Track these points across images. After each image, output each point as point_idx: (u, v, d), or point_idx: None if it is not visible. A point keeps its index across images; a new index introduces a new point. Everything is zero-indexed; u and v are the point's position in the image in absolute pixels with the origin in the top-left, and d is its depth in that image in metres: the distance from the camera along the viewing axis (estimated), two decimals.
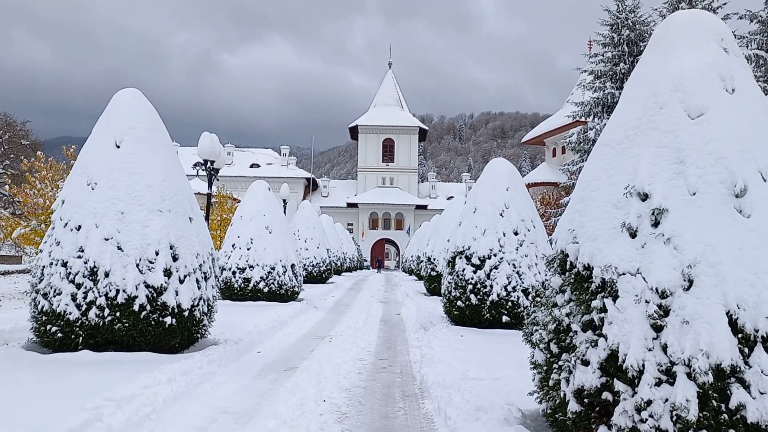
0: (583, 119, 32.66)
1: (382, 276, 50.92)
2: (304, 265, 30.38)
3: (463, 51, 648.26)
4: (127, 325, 8.72)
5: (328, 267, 32.76)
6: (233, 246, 19.20)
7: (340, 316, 17.41)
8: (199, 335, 9.65)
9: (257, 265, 18.76)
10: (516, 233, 13.82)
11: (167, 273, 9.02)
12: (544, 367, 5.23)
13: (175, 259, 9.17)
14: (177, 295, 9.06)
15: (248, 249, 18.99)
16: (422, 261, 31.15)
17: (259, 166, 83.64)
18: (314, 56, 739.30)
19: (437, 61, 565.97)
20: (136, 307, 8.70)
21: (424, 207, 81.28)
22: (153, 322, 8.85)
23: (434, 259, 24.60)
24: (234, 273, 18.81)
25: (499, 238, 13.75)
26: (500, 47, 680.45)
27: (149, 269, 8.89)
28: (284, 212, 24.93)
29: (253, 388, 7.93)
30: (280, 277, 18.92)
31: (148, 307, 8.80)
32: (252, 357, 10.20)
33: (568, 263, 5.15)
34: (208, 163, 12.60)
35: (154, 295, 8.86)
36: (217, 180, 14.69)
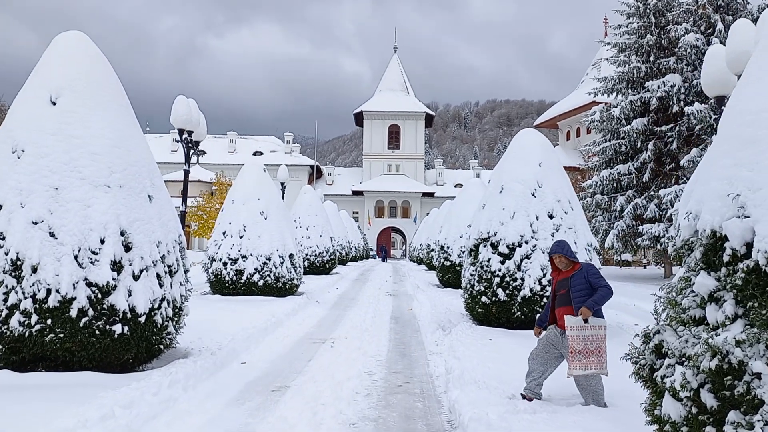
0: (605, 96, 30.37)
1: (388, 265, 48.87)
2: (306, 254, 28.24)
3: (452, 34, 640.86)
4: (62, 335, 6.62)
5: (332, 257, 30.60)
6: (224, 234, 17.05)
7: (344, 313, 15.33)
8: (162, 346, 7.54)
9: (251, 255, 16.61)
10: (551, 216, 11.65)
11: (117, 267, 6.91)
12: (683, 429, 3.10)
13: (127, 249, 7.05)
14: (130, 295, 6.95)
15: (241, 237, 16.84)
16: (433, 250, 29.05)
17: (262, 153, 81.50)
18: (303, 40, 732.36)
19: (428, 45, 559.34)
20: (73, 312, 6.60)
21: (431, 194, 79.06)
22: (97, 332, 6.74)
23: (448, 248, 22.42)
24: (225, 264, 16.68)
25: (532, 222, 11.59)
26: (490, 30, 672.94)
27: (92, 262, 6.77)
28: (282, 197, 22.79)
29: (224, 423, 5.84)
30: (276, 268, 16.79)
31: (91, 312, 6.69)
32: (232, 371, 8.11)
33: (728, 252, 3.00)
34: (185, 133, 10.46)
35: (99, 295, 6.76)
36: (198, 155, 12.55)
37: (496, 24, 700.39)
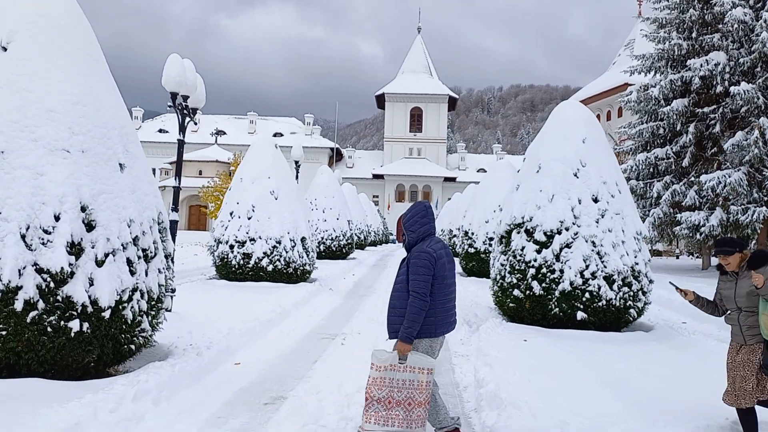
0: (641, 75, 28.50)
1: None
2: (321, 238, 26.97)
3: (470, 18, 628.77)
4: (4, 333, 5.37)
5: (349, 241, 29.28)
6: (231, 214, 15.81)
7: (359, 303, 14.03)
8: (134, 345, 6.26)
9: (259, 237, 15.36)
10: (596, 200, 10.20)
11: (75, 250, 5.63)
12: None
13: (90, 228, 5.76)
14: (91, 284, 5.67)
15: (249, 218, 15.58)
16: (456, 236, 27.64)
17: (282, 135, 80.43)
18: (318, 21, 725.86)
19: (446, 30, 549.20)
20: (18, 305, 5.35)
21: (453, 179, 77.49)
22: (49, 329, 5.48)
23: (472, 234, 21.00)
24: (232, 247, 15.45)
25: (573, 206, 10.15)
26: (508, 14, 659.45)
27: (43, 243, 5.50)
28: (297, 177, 21.50)
29: None
30: (287, 252, 15.53)
31: (41, 305, 5.44)
32: (222, 375, 6.84)
33: None
34: (178, 97, 9.16)
35: (52, 284, 5.49)
36: (196, 123, 11.19)
37: (515, 8, 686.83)
